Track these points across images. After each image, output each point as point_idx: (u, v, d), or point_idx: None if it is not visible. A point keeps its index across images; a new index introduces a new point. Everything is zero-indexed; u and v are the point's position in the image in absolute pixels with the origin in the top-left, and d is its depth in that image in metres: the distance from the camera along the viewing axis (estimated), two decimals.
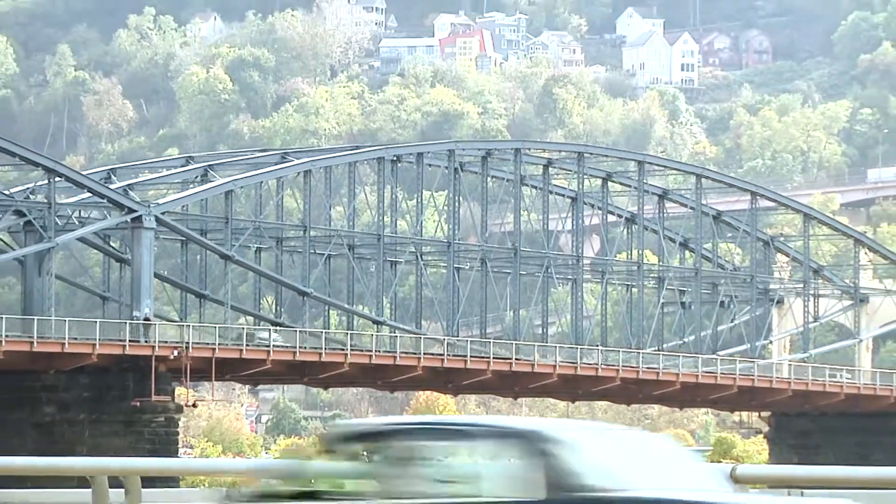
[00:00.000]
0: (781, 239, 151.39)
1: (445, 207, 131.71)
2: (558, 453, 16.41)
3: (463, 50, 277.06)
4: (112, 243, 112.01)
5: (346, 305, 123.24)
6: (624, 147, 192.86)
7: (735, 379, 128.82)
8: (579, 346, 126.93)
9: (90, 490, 23.24)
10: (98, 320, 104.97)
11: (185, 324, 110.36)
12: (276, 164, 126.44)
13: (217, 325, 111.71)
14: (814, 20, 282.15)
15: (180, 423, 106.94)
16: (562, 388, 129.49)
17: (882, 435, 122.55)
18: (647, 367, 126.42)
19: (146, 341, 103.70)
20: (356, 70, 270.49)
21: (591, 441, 16.80)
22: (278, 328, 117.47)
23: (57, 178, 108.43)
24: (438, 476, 17.23)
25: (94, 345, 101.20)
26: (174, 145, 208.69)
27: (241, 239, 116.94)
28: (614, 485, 16.20)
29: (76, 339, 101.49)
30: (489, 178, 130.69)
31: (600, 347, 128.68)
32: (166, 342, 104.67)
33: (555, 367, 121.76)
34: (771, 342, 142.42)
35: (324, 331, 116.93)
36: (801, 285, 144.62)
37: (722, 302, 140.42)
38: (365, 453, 17.64)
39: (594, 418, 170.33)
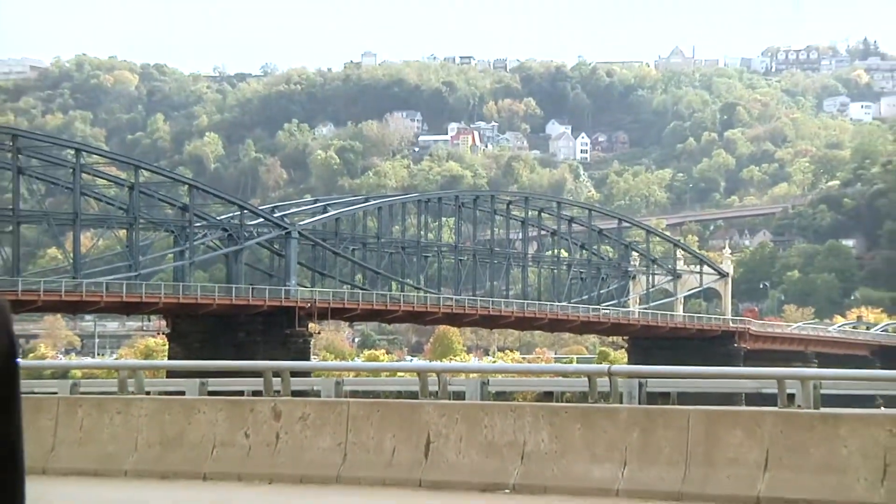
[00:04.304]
0: (634, 243, 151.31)
1: (453, 226, 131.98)
2: None
3: (464, 141, 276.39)
4: (275, 245, 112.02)
5: (400, 279, 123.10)
6: (550, 194, 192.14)
7: (609, 318, 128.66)
8: (526, 301, 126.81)
9: (262, 378, 23.43)
10: (267, 287, 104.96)
11: (314, 289, 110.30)
12: (363, 202, 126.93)
13: (331, 290, 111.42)
14: (651, 125, 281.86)
15: (311, 342, 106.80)
16: (517, 324, 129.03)
17: (689, 350, 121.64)
18: (563, 312, 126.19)
19: (293, 298, 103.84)
20: (406, 152, 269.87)
21: None
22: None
23: (245, 211, 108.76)
24: None
25: (264, 300, 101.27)
26: (308, 194, 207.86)
27: (343, 243, 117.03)
28: None
29: (255, 297, 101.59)
30: (477, 211, 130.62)
31: (538, 301, 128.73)
32: (304, 299, 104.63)
33: (512, 312, 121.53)
34: (628, 300, 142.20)
35: (388, 293, 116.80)
36: (645, 269, 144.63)
37: (603, 278, 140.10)
38: None
39: (532, 339, 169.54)
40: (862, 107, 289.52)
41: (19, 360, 1.50)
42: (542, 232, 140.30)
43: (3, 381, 1.45)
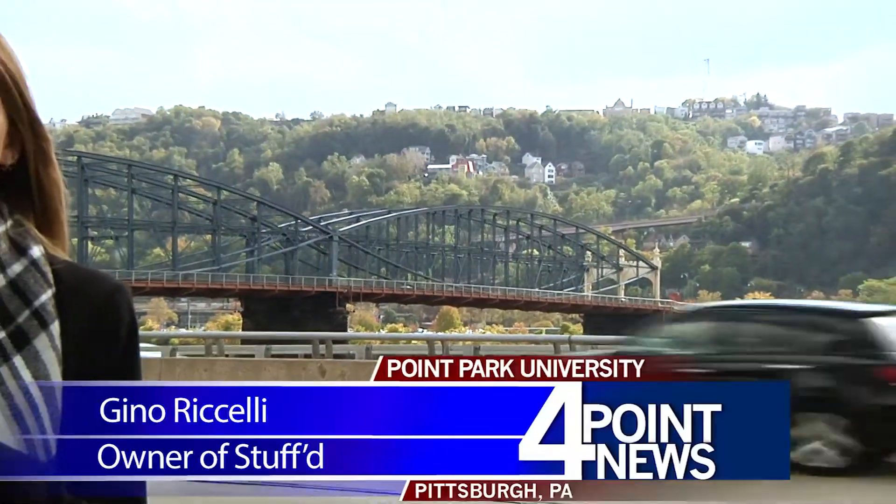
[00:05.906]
0: (588, 245, 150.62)
1: (454, 232, 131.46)
2: None
3: (461, 169, 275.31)
4: (320, 246, 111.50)
5: (413, 271, 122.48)
6: (525, 208, 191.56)
7: (569, 300, 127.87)
8: (507, 287, 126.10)
9: (310, 344, 23.45)
10: (315, 277, 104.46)
11: (350, 279, 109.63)
12: (386, 214, 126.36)
13: (363, 280, 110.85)
14: (600, 157, 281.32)
15: (348, 318, 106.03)
16: (501, 305, 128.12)
17: (629, 323, 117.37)
18: (535, 296, 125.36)
19: (335, 285, 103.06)
20: (418, 177, 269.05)
21: None
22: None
23: (298, 221, 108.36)
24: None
25: (313, 287, 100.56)
26: (345, 208, 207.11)
27: (372, 244, 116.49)
28: None
29: (306, 284, 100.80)
30: (471, 220, 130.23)
31: (516, 287, 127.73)
32: (342, 286, 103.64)
33: (497, 296, 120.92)
34: (584, 286, 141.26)
35: (404, 282, 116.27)
36: (596, 264, 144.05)
37: (564, 270, 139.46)
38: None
39: (511, 316, 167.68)
40: (756, 144, 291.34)
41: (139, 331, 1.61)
42: (520, 236, 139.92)
43: (128, 348, 1.52)
